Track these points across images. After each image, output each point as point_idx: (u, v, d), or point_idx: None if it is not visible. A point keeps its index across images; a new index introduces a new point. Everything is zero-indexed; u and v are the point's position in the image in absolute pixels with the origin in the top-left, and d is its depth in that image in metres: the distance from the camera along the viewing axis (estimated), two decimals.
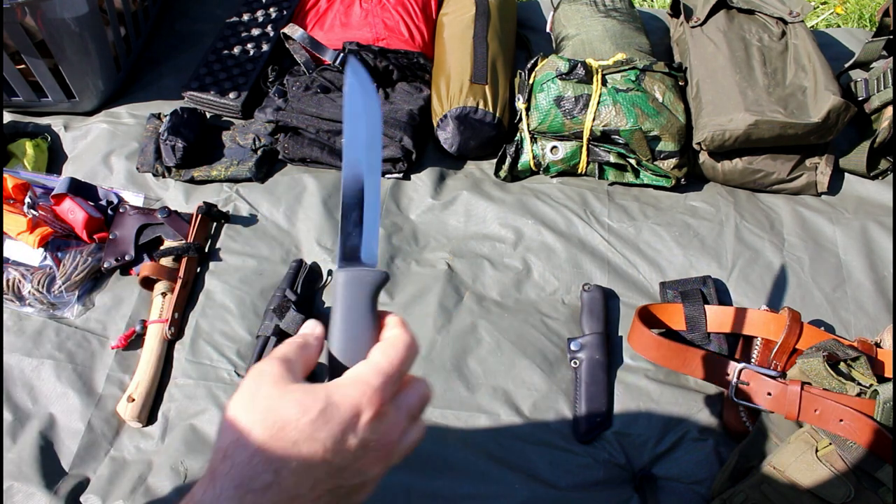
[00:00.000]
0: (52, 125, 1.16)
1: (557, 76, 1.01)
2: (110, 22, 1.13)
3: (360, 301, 0.45)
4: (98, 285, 0.97)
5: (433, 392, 0.46)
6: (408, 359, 0.43)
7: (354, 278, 0.46)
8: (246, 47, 1.21)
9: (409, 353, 0.43)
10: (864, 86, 1.08)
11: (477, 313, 0.93)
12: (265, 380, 0.40)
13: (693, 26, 1.15)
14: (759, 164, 1.03)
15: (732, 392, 0.80)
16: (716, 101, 1.01)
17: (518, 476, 0.80)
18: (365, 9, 1.21)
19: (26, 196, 0.99)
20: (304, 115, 1.05)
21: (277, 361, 0.41)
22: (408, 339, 0.43)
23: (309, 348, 0.44)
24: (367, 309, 0.45)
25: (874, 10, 1.74)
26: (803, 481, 0.71)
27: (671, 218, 1.03)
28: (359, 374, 0.40)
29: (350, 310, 0.45)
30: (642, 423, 0.83)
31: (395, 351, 0.42)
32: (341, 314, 0.45)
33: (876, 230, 1.01)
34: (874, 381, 0.75)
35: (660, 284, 0.95)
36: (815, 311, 0.93)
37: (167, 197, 1.07)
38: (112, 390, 0.88)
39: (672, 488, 0.79)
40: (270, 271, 0.98)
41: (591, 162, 1.05)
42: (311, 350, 0.44)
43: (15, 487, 0.79)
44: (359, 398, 0.39)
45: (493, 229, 1.02)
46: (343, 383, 0.40)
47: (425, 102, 1.11)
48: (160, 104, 1.19)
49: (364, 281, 0.46)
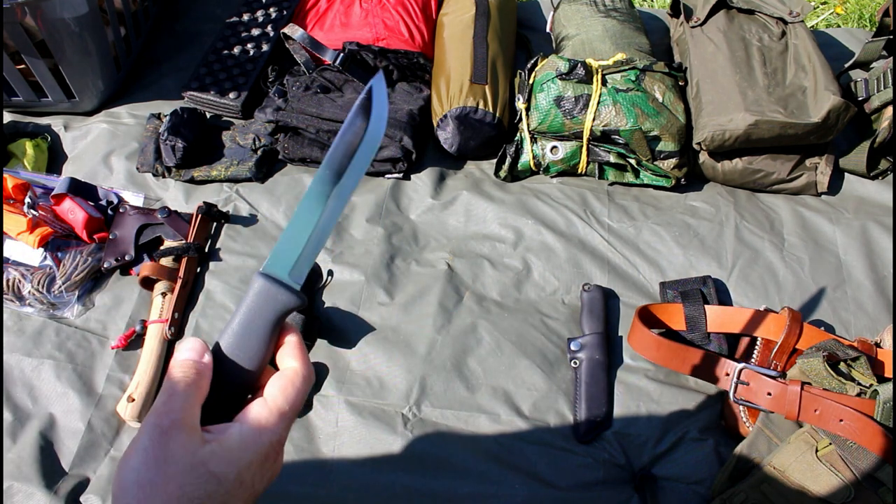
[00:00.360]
0: (52, 125, 1.16)
1: (557, 76, 1.01)
2: (110, 22, 1.13)
3: (265, 317, 0.44)
4: (98, 285, 0.97)
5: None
6: (304, 394, 0.43)
7: (270, 292, 0.44)
8: (246, 47, 1.21)
9: (306, 389, 0.43)
10: (864, 86, 1.08)
11: (477, 313, 0.93)
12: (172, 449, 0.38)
13: (693, 26, 1.15)
14: (759, 164, 1.03)
15: (732, 392, 0.80)
16: (716, 101, 1.01)
17: (518, 476, 0.80)
18: (365, 9, 1.21)
19: (26, 196, 0.99)
20: (304, 115, 1.05)
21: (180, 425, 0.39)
22: (305, 374, 0.44)
23: (201, 383, 0.42)
24: (270, 327, 0.44)
25: (874, 10, 1.74)
26: (803, 481, 0.71)
27: (671, 218, 1.03)
28: (262, 425, 0.41)
29: (252, 321, 0.44)
30: (642, 423, 0.83)
31: (294, 390, 0.43)
32: (242, 321, 0.44)
33: (876, 230, 1.01)
34: (874, 381, 0.75)
35: (660, 284, 0.95)
36: (815, 311, 0.93)
37: (167, 197, 1.07)
38: (112, 390, 0.88)
39: (672, 488, 0.79)
40: None
41: (591, 162, 1.05)
42: (203, 384, 0.42)
43: (15, 487, 0.79)
44: (265, 450, 0.40)
45: (493, 229, 1.02)
46: (248, 437, 0.40)
47: (425, 102, 1.11)
48: (160, 104, 1.19)
49: (278, 300, 0.44)
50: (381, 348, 0.90)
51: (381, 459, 0.81)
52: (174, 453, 0.38)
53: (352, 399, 0.86)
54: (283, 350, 0.45)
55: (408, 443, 0.82)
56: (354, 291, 0.95)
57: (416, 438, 0.83)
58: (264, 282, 0.44)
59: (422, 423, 0.84)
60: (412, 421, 0.84)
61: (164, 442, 0.38)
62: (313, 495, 0.79)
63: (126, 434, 0.85)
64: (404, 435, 0.83)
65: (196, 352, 0.43)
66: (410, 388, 0.86)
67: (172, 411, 0.39)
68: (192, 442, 0.38)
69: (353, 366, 0.89)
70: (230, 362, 0.44)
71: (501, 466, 0.80)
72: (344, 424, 0.84)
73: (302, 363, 0.44)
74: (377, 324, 0.92)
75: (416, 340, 0.90)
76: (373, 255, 0.99)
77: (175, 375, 0.41)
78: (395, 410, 0.85)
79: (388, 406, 0.85)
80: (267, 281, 0.44)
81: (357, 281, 0.96)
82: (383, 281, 0.96)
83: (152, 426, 0.39)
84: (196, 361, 0.42)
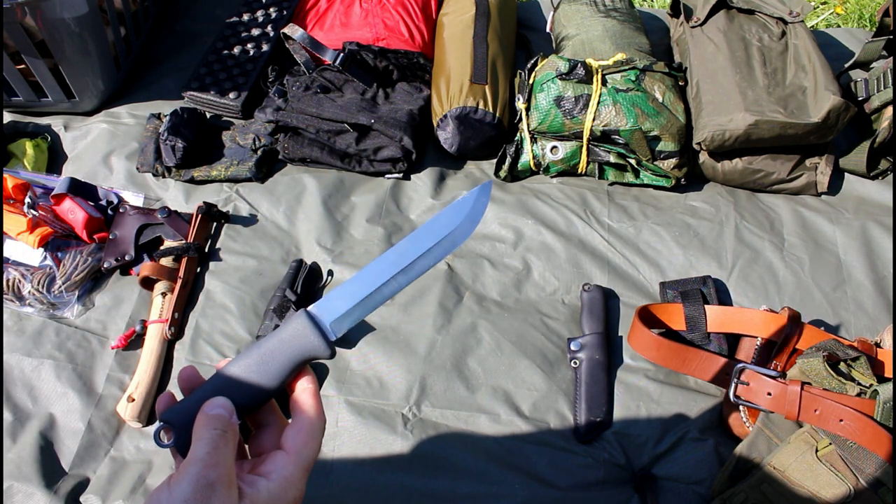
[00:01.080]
0: (52, 125, 1.16)
1: (557, 76, 1.01)
2: (110, 22, 1.13)
3: (292, 352, 0.44)
4: (98, 285, 0.97)
5: None
6: (320, 445, 0.45)
7: (306, 333, 0.44)
8: (246, 47, 1.21)
9: (321, 440, 0.45)
10: (864, 86, 1.08)
11: (477, 313, 0.93)
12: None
13: (693, 26, 1.15)
14: (759, 164, 1.03)
15: (732, 392, 0.80)
16: (716, 101, 1.01)
17: (518, 476, 0.80)
18: (365, 9, 1.21)
19: (26, 196, 0.99)
20: (304, 115, 1.05)
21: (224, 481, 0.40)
22: (322, 426, 0.45)
23: (234, 441, 0.42)
24: (292, 364, 0.44)
25: (874, 10, 1.74)
26: (803, 481, 0.71)
27: (671, 218, 1.03)
28: (288, 482, 0.42)
29: (279, 352, 0.44)
30: (642, 423, 0.83)
31: (315, 444, 0.44)
32: (270, 348, 0.44)
33: (876, 230, 1.01)
34: (874, 381, 0.75)
35: (660, 284, 0.95)
36: (815, 311, 0.93)
37: (167, 197, 1.07)
38: (112, 390, 0.88)
39: (672, 488, 0.79)
40: (270, 271, 0.98)
41: (591, 162, 1.05)
42: (235, 443, 0.42)
43: (15, 487, 0.79)
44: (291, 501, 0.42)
45: (493, 229, 1.02)
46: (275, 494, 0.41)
47: (425, 102, 1.11)
48: (160, 104, 1.19)
49: (311, 342, 0.45)
50: (381, 348, 0.90)
51: (381, 459, 0.81)
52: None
53: (352, 399, 0.86)
54: (301, 396, 0.45)
55: (408, 443, 0.82)
56: None
57: (416, 438, 0.83)
58: (306, 320, 0.45)
59: (422, 423, 0.84)
60: (412, 421, 0.84)
61: (208, 496, 0.38)
62: (313, 495, 0.79)
63: (126, 434, 0.85)
64: (404, 435, 0.83)
65: (228, 411, 0.43)
66: (410, 388, 0.86)
67: (217, 465, 0.39)
68: (230, 499, 0.39)
69: (353, 366, 0.89)
70: (243, 380, 0.44)
71: (501, 466, 0.80)
72: (344, 424, 0.84)
73: (319, 413, 0.45)
74: (377, 324, 0.92)
75: (416, 340, 0.90)
76: (373, 255, 0.99)
77: (212, 429, 0.41)
78: (395, 410, 0.85)
79: (388, 406, 0.85)
80: (308, 321, 0.45)
81: None
82: None
83: (198, 477, 0.38)
84: (230, 421, 0.42)
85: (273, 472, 0.42)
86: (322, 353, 0.45)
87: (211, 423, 0.41)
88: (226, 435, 0.41)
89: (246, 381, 0.44)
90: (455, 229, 0.47)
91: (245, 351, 0.45)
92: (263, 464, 0.43)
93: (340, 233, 1.02)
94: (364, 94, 1.09)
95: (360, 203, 1.05)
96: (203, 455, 0.40)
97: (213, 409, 0.43)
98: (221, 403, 0.43)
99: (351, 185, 1.08)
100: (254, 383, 0.44)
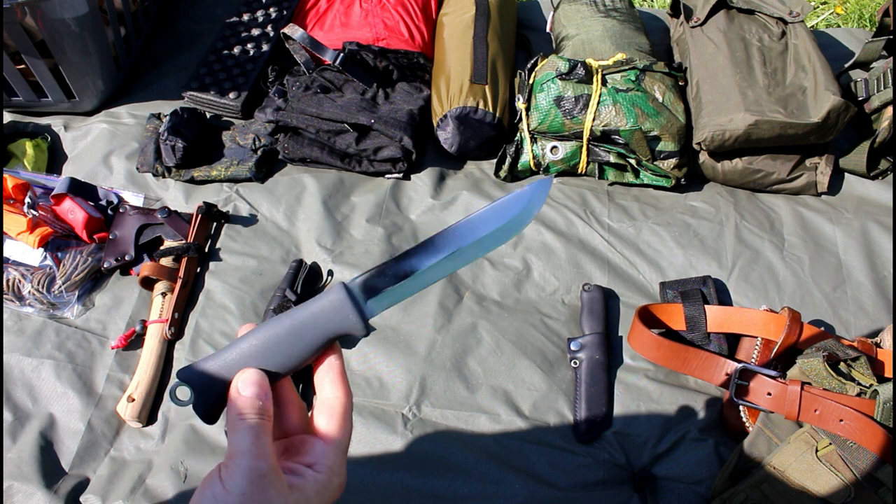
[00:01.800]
0: (52, 125, 1.16)
1: (557, 76, 1.01)
2: (110, 22, 1.13)
3: (325, 327, 0.42)
4: (98, 285, 0.97)
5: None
6: (353, 424, 0.44)
7: (343, 307, 0.42)
8: (246, 47, 1.21)
9: (352, 419, 0.44)
10: (864, 86, 1.08)
11: (477, 313, 0.93)
12: (270, 497, 0.38)
13: (693, 26, 1.15)
14: (759, 164, 1.03)
15: (732, 392, 0.80)
16: (716, 101, 1.01)
17: (518, 476, 0.80)
18: (365, 9, 1.21)
19: (26, 196, 0.99)
20: (304, 115, 1.05)
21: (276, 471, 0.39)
22: (351, 405, 0.44)
23: (271, 424, 0.40)
24: (324, 339, 0.42)
25: (874, 10, 1.74)
26: (803, 481, 0.71)
27: (671, 218, 1.03)
28: (333, 470, 0.41)
29: (312, 324, 0.42)
30: (642, 423, 0.83)
31: (350, 426, 0.43)
32: (304, 319, 0.41)
33: (876, 230, 1.01)
34: (874, 381, 0.75)
35: (660, 284, 0.95)
36: (815, 311, 0.93)
37: (167, 197, 1.07)
38: (112, 390, 0.88)
39: (672, 488, 0.79)
40: (270, 271, 0.98)
41: (591, 162, 1.05)
42: (271, 425, 0.41)
43: (15, 487, 0.79)
44: (334, 492, 0.41)
45: None
46: (322, 483, 0.41)
47: (425, 102, 1.11)
48: (160, 104, 1.19)
49: (346, 317, 0.42)
50: (381, 348, 0.90)
51: (381, 459, 0.81)
52: (272, 499, 0.37)
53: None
54: (327, 374, 0.43)
55: (408, 443, 0.82)
56: None
57: (416, 438, 0.83)
58: (344, 295, 0.42)
59: (422, 423, 0.84)
60: (412, 421, 0.84)
61: (264, 488, 0.37)
62: None
63: (126, 434, 0.85)
64: (404, 435, 0.83)
65: (264, 390, 0.41)
66: (410, 388, 0.86)
67: (266, 455, 0.38)
68: (283, 488, 0.38)
69: (353, 366, 0.89)
70: (271, 350, 0.41)
71: (501, 466, 0.80)
72: None
73: (349, 393, 0.43)
74: (377, 324, 0.92)
75: (416, 340, 0.90)
76: (373, 255, 0.99)
77: (253, 415, 0.40)
78: (395, 410, 0.85)
79: (388, 406, 0.85)
80: (346, 295, 0.42)
81: None
82: None
83: (249, 469, 0.37)
84: (267, 404, 0.40)
85: (317, 463, 0.41)
86: (358, 330, 0.42)
87: (250, 408, 0.39)
88: (264, 420, 0.40)
89: (274, 351, 0.41)
90: (511, 219, 0.44)
91: (273, 319, 0.42)
92: (305, 454, 0.41)
93: (340, 233, 1.02)
94: (364, 94, 1.09)
95: (360, 203, 1.05)
96: (250, 446, 0.38)
97: (247, 388, 0.40)
98: (257, 381, 0.40)
99: (351, 185, 1.08)
100: (283, 355, 0.41)
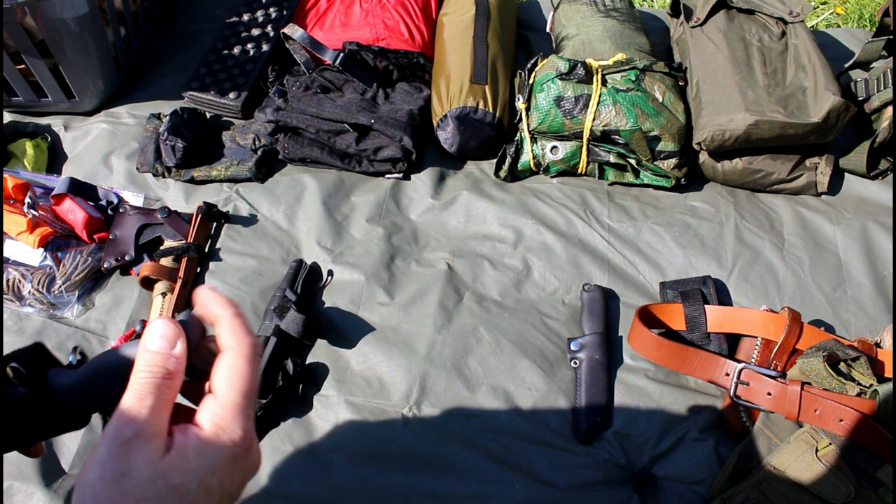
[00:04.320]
0: (52, 125, 1.16)
1: (557, 76, 1.01)
2: (110, 22, 1.13)
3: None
4: (98, 285, 0.97)
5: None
6: (255, 374, 0.38)
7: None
8: (246, 47, 1.21)
9: (254, 370, 0.38)
10: (864, 86, 1.08)
11: (477, 313, 0.93)
12: (132, 462, 0.34)
13: (693, 26, 1.15)
14: (759, 164, 1.03)
15: (732, 392, 0.80)
16: (716, 101, 1.01)
17: (518, 476, 0.80)
18: (365, 9, 1.21)
19: (26, 196, 0.99)
20: (304, 115, 1.05)
21: (143, 435, 0.35)
22: (247, 352, 0.38)
23: (173, 381, 0.37)
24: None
25: (874, 10, 1.74)
26: (803, 481, 0.71)
27: (671, 218, 1.03)
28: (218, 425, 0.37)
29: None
30: (642, 423, 0.83)
31: (240, 378, 0.38)
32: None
33: (876, 230, 1.01)
34: (874, 381, 0.75)
35: (660, 284, 0.95)
36: (815, 311, 0.93)
37: (167, 197, 1.07)
38: None
39: (672, 488, 0.79)
40: (270, 271, 0.98)
41: (591, 162, 1.05)
42: (175, 382, 0.37)
43: (15, 487, 0.79)
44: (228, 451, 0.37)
45: (493, 229, 1.02)
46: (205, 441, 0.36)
47: (425, 102, 1.11)
48: (160, 104, 1.19)
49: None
50: (381, 348, 0.90)
51: (381, 459, 0.81)
52: (134, 466, 0.34)
53: (352, 399, 0.86)
54: (219, 328, 0.39)
55: (408, 443, 0.82)
56: (354, 291, 0.95)
57: (416, 438, 0.83)
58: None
59: (422, 423, 0.84)
60: (412, 421, 0.84)
61: (125, 454, 0.34)
62: (313, 495, 0.79)
63: None
64: (404, 435, 0.83)
65: (168, 340, 0.37)
66: (410, 387, 0.86)
67: (136, 419, 0.35)
68: (153, 453, 0.35)
69: (353, 366, 0.89)
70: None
71: (501, 466, 0.80)
72: (344, 424, 0.84)
73: (240, 341, 0.38)
74: (377, 324, 0.92)
75: (416, 340, 0.90)
76: (373, 255, 0.99)
77: (143, 372, 0.36)
78: (395, 410, 0.85)
79: (388, 406, 0.85)
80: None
81: (357, 281, 0.96)
82: (383, 281, 0.96)
83: (113, 436, 0.35)
84: (168, 355, 0.37)
85: (201, 419, 0.37)
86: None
87: (144, 363, 0.37)
88: (155, 375, 0.36)
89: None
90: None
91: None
92: (195, 414, 0.38)
93: (340, 233, 1.02)
94: (364, 94, 1.09)
95: (360, 203, 1.05)
96: (123, 409, 0.35)
97: (150, 340, 0.37)
98: (161, 332, 0.37)
99: (351, 185, 1.08)
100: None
